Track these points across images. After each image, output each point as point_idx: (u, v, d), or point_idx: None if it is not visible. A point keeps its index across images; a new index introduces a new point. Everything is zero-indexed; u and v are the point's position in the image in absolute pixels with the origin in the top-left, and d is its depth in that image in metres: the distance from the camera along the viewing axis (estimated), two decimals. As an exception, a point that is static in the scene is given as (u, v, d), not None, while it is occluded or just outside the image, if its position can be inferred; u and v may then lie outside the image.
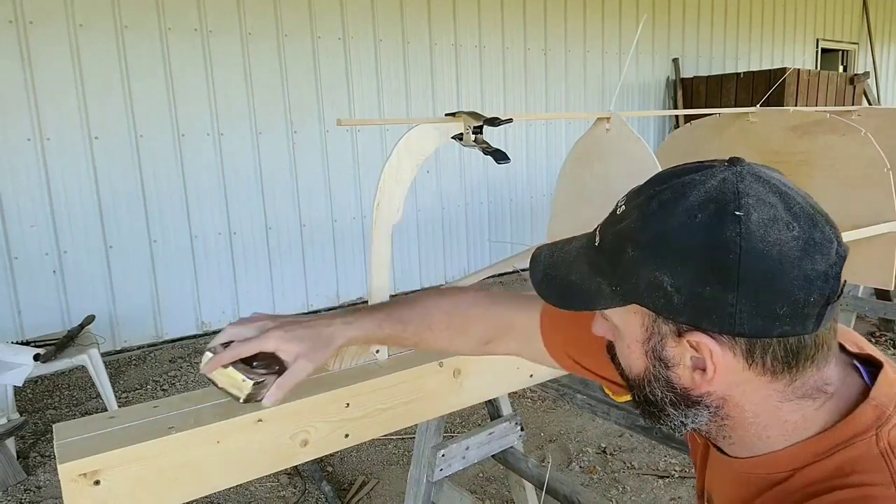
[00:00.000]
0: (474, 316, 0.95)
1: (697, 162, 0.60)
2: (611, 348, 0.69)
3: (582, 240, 0.67)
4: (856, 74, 7.24)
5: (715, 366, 0.56)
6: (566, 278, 0.66)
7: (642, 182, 0.63)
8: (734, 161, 0.58)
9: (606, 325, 0.66)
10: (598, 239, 0.63)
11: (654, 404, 0.63)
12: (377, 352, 1.08)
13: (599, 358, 0.75)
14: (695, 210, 0.54)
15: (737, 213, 0.53)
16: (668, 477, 2.61)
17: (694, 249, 0.54)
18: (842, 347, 0.65)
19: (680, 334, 0.57)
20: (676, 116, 6.53)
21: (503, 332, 0.95)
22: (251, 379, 0.77)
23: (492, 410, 1.73)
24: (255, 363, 0.80)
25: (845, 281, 0.56)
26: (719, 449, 0.67)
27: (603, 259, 0.61)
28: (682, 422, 0.62)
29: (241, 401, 0.78)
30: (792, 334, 0.54)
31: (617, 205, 0.62)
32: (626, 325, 0.62)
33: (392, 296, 1.10)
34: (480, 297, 0.97)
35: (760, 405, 0.59)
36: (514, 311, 0.94)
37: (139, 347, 4.20)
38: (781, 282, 0.52)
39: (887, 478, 0.54)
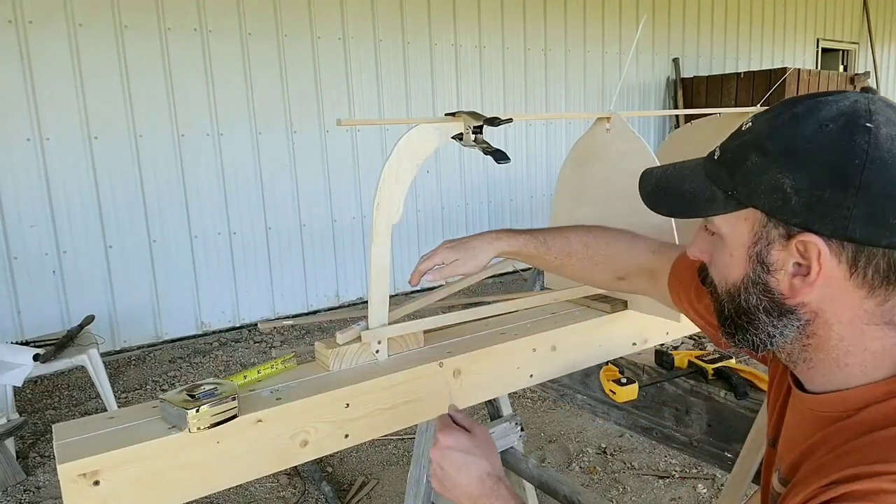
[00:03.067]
0: (615, 252, 1.07)
1: (828, 90, 0.64)
2: (702, 271, 0.75)
3: (696, 160, 0.71)
4: (856, 74, 7.25)
5: (820, 266, 0.58)
6: (678, 189, 0.71)
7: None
8: (867, 89, 0.62)
9: (706, 242, 0.71)
10: (717, 153, 0.67)
11: (747, 313, 0.66)
12: (377, 352, 1.08)
13: (708, 301, 0.79)
14: (826, 121, 0.58)
15: (867, 124, 0.56)
16: (668, 477, 2.61)
17: (821, 154, 0.57)
18: None
19: (789, 237, 0.59)
20: (676, 116, 6.53)
21: (639, 273, 1.07)
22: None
23: (492, 410, 1.73)
24: None
25: None
26: (798, 384, 0.69)
27: (722, 169, 0.65)
28: (769, 332, 0.65)
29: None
30: None
31: (743, 123, 0.66)
32: (734, 230, 0.65)
33: (392, 296, 1.10)
34: (619, 235, 1.09)
35: (847, 326, 0.61)
36: (653, 256, 1.05)
37: (139, 347, 4.21)
38: None
39: None
